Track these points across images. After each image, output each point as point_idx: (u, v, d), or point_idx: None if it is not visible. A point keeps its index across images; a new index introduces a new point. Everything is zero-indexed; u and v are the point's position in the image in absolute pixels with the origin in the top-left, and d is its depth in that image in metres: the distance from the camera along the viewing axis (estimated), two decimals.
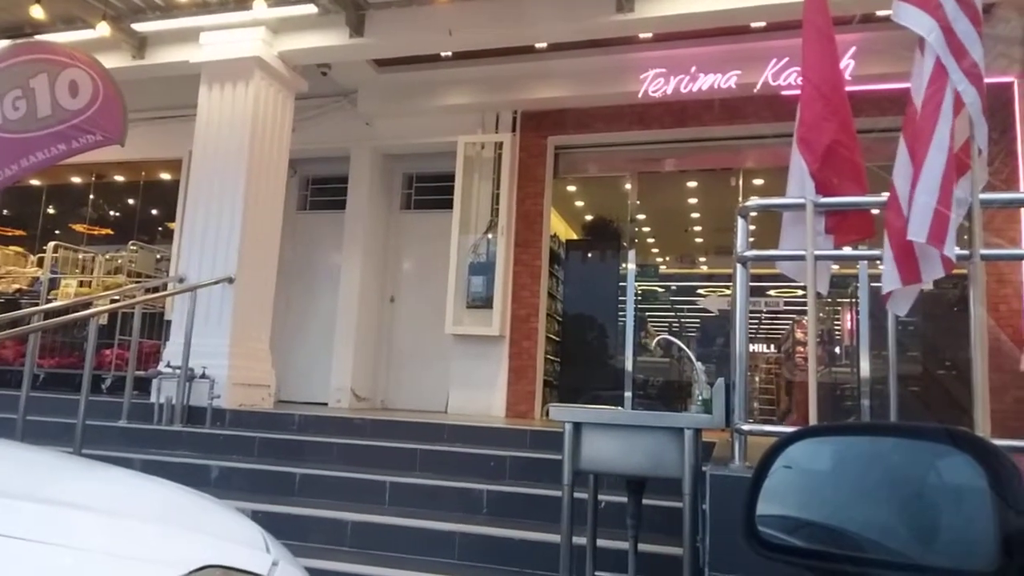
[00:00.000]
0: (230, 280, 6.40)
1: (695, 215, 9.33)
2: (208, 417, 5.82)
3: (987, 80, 2.58)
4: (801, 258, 2.81)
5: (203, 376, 5.99)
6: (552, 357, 8.15)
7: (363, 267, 8.33)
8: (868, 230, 3.09)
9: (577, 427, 2.70)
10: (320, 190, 9.14)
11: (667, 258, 9.29)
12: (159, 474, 1.87)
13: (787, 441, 1.06)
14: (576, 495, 2.73)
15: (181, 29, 6.96)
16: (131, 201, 9.94)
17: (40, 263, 8.64)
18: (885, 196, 2.80)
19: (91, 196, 10.00)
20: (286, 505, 4.32)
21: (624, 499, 2.99)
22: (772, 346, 11.05)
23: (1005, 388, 5.66)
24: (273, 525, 1.89)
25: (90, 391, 5.10)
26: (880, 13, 5.93)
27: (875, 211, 3.13)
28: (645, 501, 2.97)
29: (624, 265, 7.97)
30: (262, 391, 6.65)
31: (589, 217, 9.46)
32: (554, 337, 8.24)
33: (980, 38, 2.58)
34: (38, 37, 6.53)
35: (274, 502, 4.35)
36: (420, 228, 8.71)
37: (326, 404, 7.98)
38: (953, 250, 2.44)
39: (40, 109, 5.08)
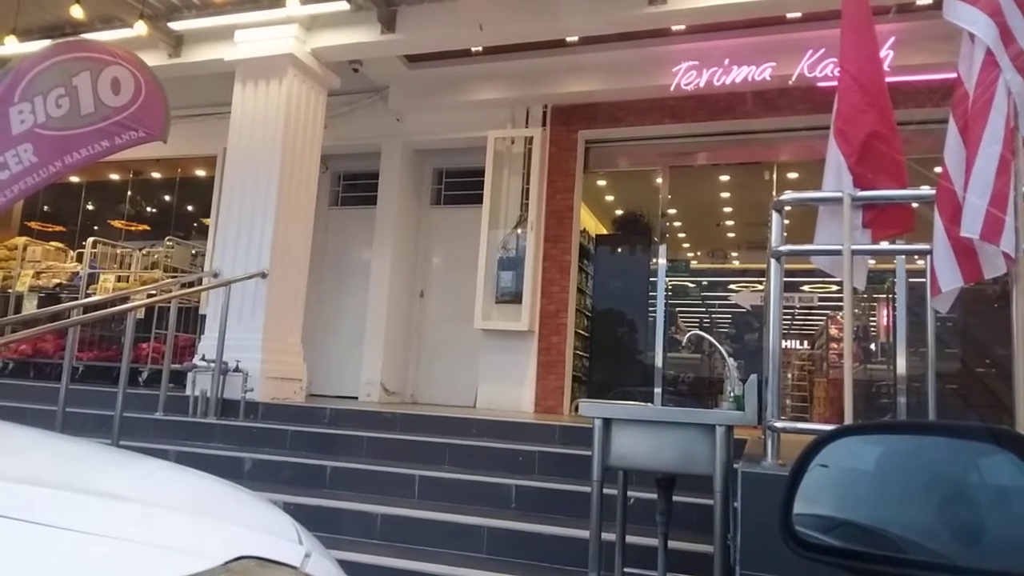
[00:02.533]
0: (263, 275, 6.49)
1: (727, 209, 9.21)
2: (242, 410, 5.91)
3: None
4: (837, 253, 2.76)
5: (237, 369, 6.08)
6: (581, 353, 8.12)
7: (393, 262, 8.38)
8: (907, 224, 3.02)
9: (607, 423, 2.68)
10: (352, 186, 9.22)
11: (698, 253, 9.18)
12: (194, 466, 1.90)
13: (825, 439, 1.03)
14: (605, 491, 2.72)
15: (216, 27, 7.06)
16: (167, 197, 10.13)
17: (79, 258, 8.85)
18: (926, 190, 2.73)
19: (129, 193, 10.22)
20: (317, 497, 4.37)
21: (654, 496, 2.96)
22: (806, 342, 10.87)
23: None
24: (304, 517, 1.91)
25: (127, 384, 5.21)
26: (920, 2, 5.80)
27: (914, 205, 3.06)
28: (675, 498, 2.94)
29: (654, 260, 7.90)
30: (294, 384, 6.73)
31: (619, 212, 9.40)
32: (583, 332, 8.21)
33: None
34: (79, 36, 6.67)
35: (305, 494, 4.40)
36: (450, 223, 8.73)
37: (356, 398, 8.06)
38: (1012, 245, 2.35)
39: (83, 106, 5.17)
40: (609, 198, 9.15)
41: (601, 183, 8.69)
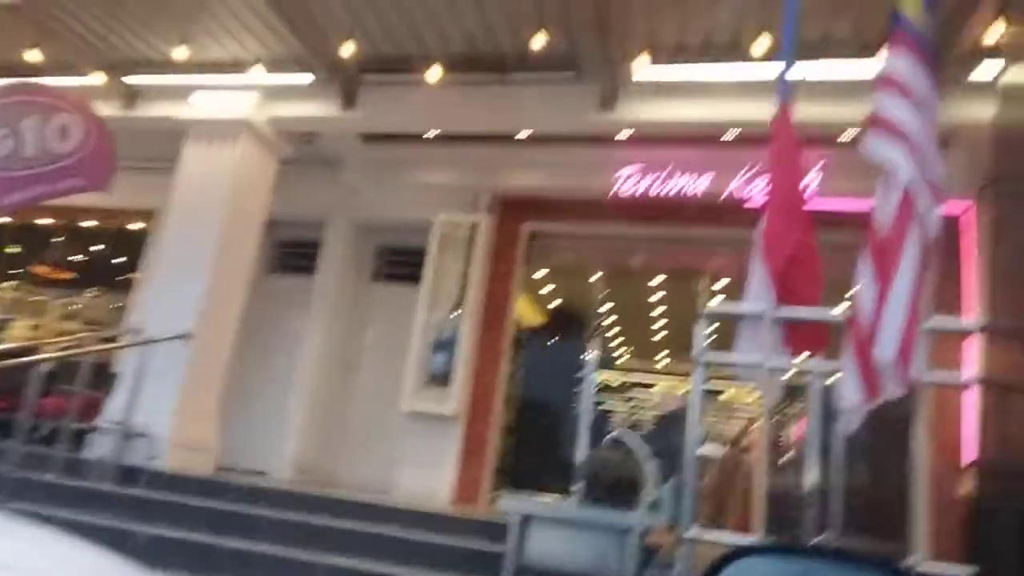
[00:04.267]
0: (187, 337, 6.26)
1: (659, 310, 9.47)
2: (144, 478, 5.57)
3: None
4: (757, 366, 2.86)
5: (144, 434, 5.77)
6: (505, 443, 8.02)
7: (327, 335, 8.22)
8: (822, 342, 3.17)
9: (525, 520, 2.64)
10: (290, 254, 9.09)
11: (628, 351, 9.35)
12: (84, 536, 1.78)
13: (728, 558, 1.05)
14: None
15: (174, 86, 7.07)
16: (96, 248, 9.78)
17: None
18: (841, 311, 2.88)
19: (55, 239, 9.83)
20: None
21: None
22: (728, 445, 11.01)
23: (951, 507, 5.67)
24: None
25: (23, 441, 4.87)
26: (841, 139, 6.25)
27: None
28: None
29: (584, 355, 7.99)
30: (204, 455, 6.41)
31: (555, 304, 9.53)
32: (509, 423, 8.14)
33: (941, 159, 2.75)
34: (33, 80, 6.58)
35: None
36: (388, 300, 8.66)
37: (266, 474, 7.70)
38: (919, 370, 2.49)
39: (26, 150, 5.10)
40: (547, 289, 9.28)
41: (540, 274, 8.83)
